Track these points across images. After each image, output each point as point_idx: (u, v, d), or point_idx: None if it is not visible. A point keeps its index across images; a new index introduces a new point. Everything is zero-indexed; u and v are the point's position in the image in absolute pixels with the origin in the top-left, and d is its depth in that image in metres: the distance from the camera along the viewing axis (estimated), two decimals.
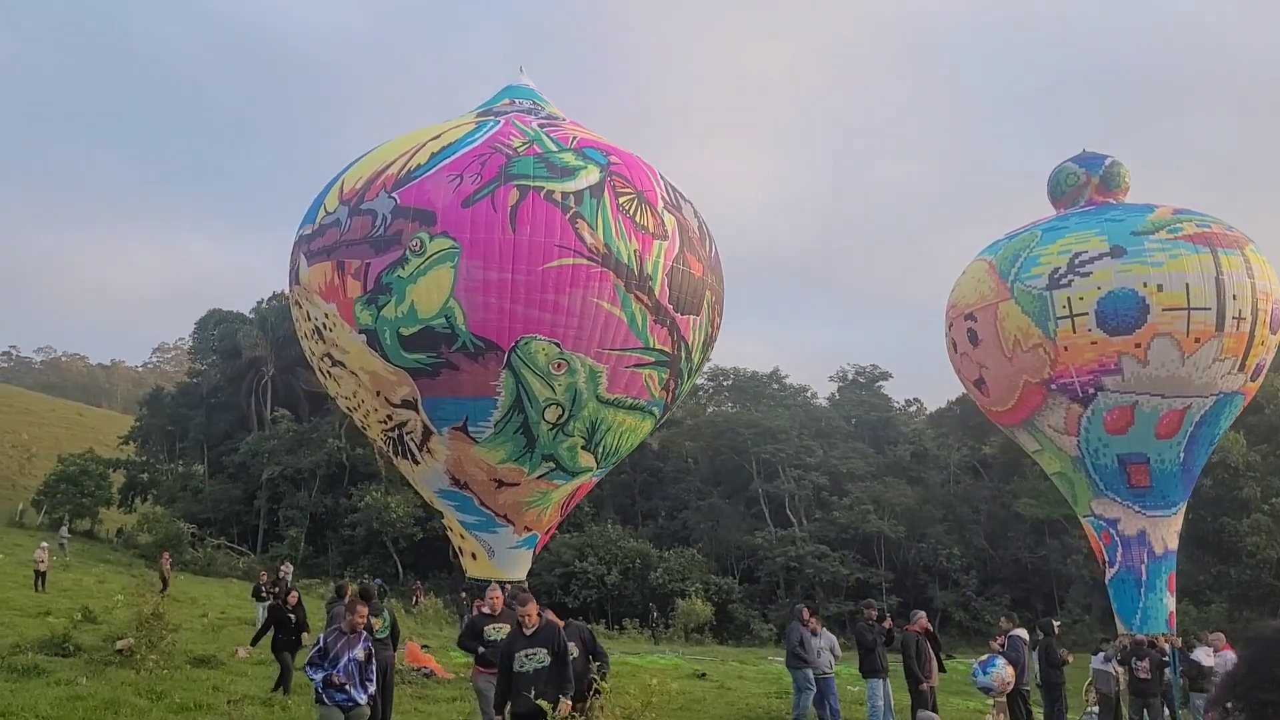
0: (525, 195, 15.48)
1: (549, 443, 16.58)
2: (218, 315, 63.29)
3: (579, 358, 15.85)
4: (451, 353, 15.52)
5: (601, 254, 15.70)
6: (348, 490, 50.54)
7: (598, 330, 15.82)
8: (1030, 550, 52.03)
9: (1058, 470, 19.75)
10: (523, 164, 15.87)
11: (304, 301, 16.92)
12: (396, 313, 15.49)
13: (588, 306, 15.60)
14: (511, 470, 16.71)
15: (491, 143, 16.22)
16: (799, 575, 49.33)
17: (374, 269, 15.52)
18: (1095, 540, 19.49)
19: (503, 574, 17.21)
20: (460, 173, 15.62)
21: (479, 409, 16.01)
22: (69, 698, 11.82)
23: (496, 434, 16.21)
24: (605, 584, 46.01)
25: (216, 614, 25.90)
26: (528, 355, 15.61)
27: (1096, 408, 18.16)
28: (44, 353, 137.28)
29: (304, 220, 17.27)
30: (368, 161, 16.77)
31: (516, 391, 15.86)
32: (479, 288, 15.22)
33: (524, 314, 15.35)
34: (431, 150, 16.11)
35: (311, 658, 8.57)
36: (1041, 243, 18.62)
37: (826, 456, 57.77)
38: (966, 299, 19.60)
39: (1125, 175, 19.89)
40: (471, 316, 15.29)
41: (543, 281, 15.31)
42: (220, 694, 13.16)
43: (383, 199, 15.69)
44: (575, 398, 16.19)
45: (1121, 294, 17.48)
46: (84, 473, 49.62)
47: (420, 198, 15.54)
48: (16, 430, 67.84)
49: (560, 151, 16.41)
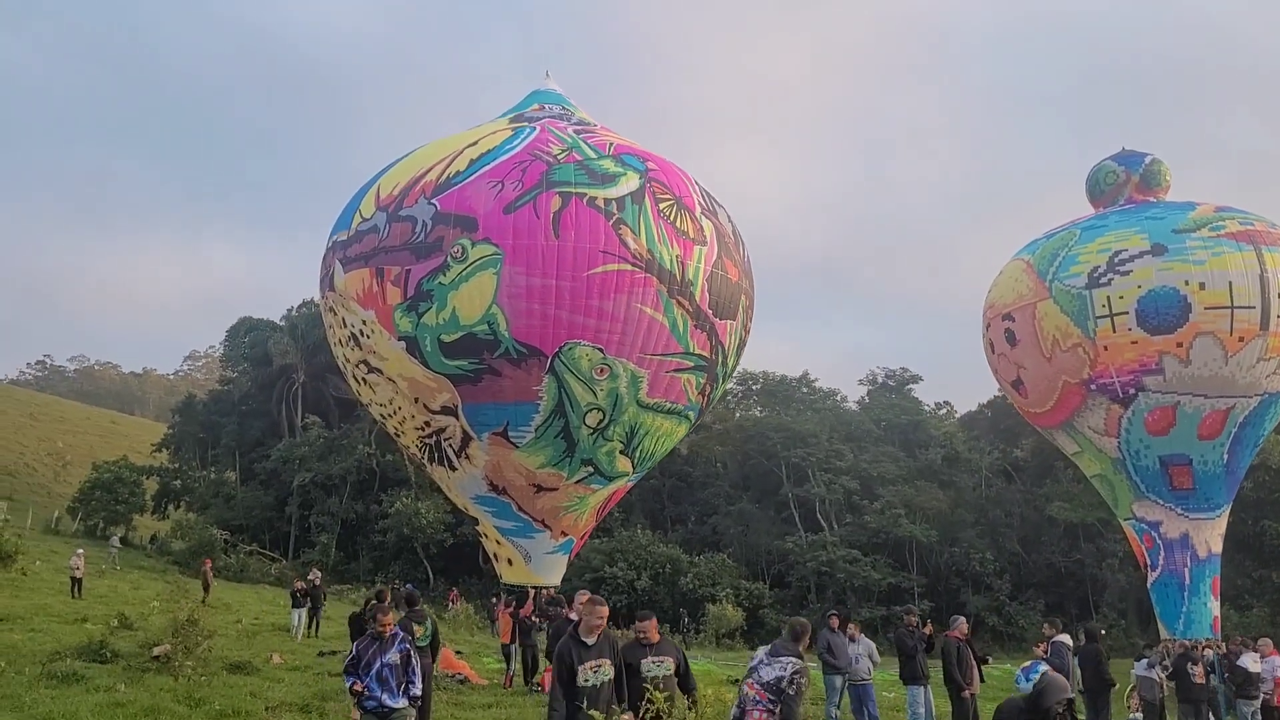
0: (568, 202, 15.45)
1: (589, 447, 16.53)
2: (249, 323, 63.72)
3: (621, 363, 15.81)
4: (494, 359, 15.49)
5: (645, 260, 15.69)
6: (378, 496, 50.68)
7: (640, 335, 15.80)
8: (1064, 554, 51.39)
9: (1098, 472, 19.47)
10: (563, 171, 15.84)
11: (339, 308, 16.86)
12: (438, 319, 15.44)
13: (631, 312, 15.58)
14: (550, 475, 16.67)
15: (530, 149, 16.20)
16: (830, 580, 48.98)
17: (414, 275, 15.48)
18: (1136, 544, 19.19)
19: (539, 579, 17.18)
20: (501, 179, 15.59)
21: (520, 414, 15.97)
22: (109, 704, 11.83)
23: (537, 439, 16.16)
24: (635, 589, 45.83)
25: (250, 620, 25.99)
26: (571, 361, 15.57)
27: (1137, 408, 17.90)
28: (77, 361, 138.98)
29: (337, 226, 17.24)
30: (404, 167, 16.74)
31: (559, 397, 15.82)
32: (522, 294, 15.19)
33: (568, 320, 15.29)
34: (470, 157, 16.09)
35: (347, 665, 8.51)
36: (1080, 241, 18.39)
37: (857, 460, 57.37)
38: (1004, 299, 19.38)
39: (1166, 173, 19.60)
40: (514, 323, 15.24)
41: (587, 287, 15.27)
42: (258, 700, 13.15)
43: (422, 205, 15.65)
44: (616, 402, 16.15)
45: (1163, 293, 17.22)
46: (118, 480, 49.97)
47: (461, 204, 15.50)
48: (52, 438, 68.60)
49: (599, 158, 16.41)
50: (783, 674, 7.78)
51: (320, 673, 17.20)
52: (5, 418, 71.59)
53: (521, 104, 19.57)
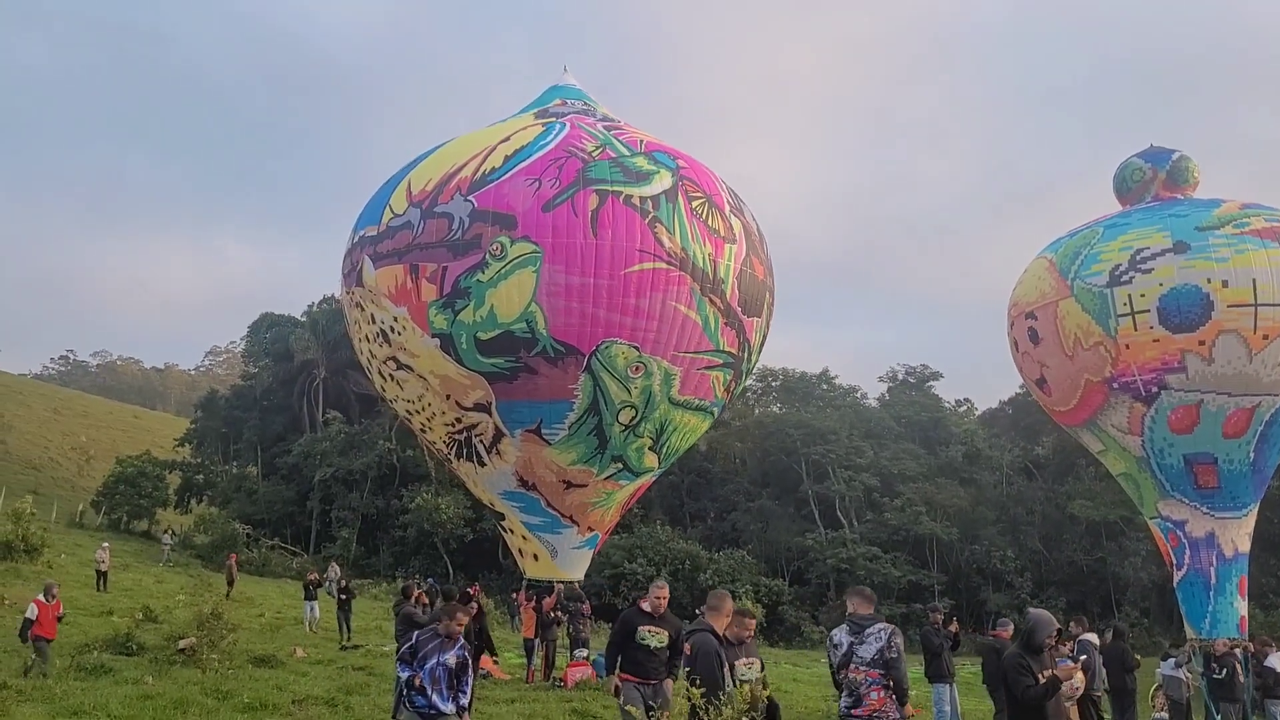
0: (605, 200, 15.55)
1: (620, 444, 16.68)
2: (270, 319, 64.19)
3: (656, 361, 15.98)
4: (531, 357, 15.59)
5: (679, 258, 15.85)
6: (398, 491, 50.98)
7: (675, 333, 15.98)
8: (1086, 553, 51.17)
9: (1123, 471, 19.40)
10: (599, 168, 15.93)
11: (368, 304, 16.90)
12: (475, 317, 15.49)
13: (667, 310, 15.74)
14: (581, 471, 16.81)
15: (564, 146, 16.29)
16: (850, 577, 48.86)
17: (451, 273, 15.51)
18: (1162, 542, 19.10)
19: (565, 574, 17.32)
20: (538, 176, 15.67)
21: (555, 412, 16.09)
22: (138, 697, 12.01)
23: (570, 436, 16.29)
24: None
25: (273, 614, 26.26)
26: (608, 359, 15.71)
27: (1160, 406, 17.81)
28: (100, 356, 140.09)
29: (364, 221, 17.26)
30: (434, 162, 16.77)
31: (594, 394, 15.96)
32: (561, 292, 15.28)
33: (605, 318, 15.42)
34: (505, 153, 16.15)
35: (402, 654, 8.33)
36: (1103, 239, 18.30)
37: (877, 457, 57.32)
38: (1027, 297, 19.33)
39: (1194, 170, 19.44)
40: (553, 321, 15.34)
41: (624, 286, 15.40)
42: (284, 693, 13.31)
43: (458, 202, 15.69)
44: (649, 400, 16.30)
45: (1184, 290, 17.12)
46: (141, 474, 50.44)
47: (499, 201, 15.56)
48: (76, 433, 69.27)
49: (632, 156, 16.53)
50: (881, 642, 7.69)
51: (344, 666, 17.41)
52: (30, 412, 72.38)
53: (541, 99, 19.62)
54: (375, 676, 15.91)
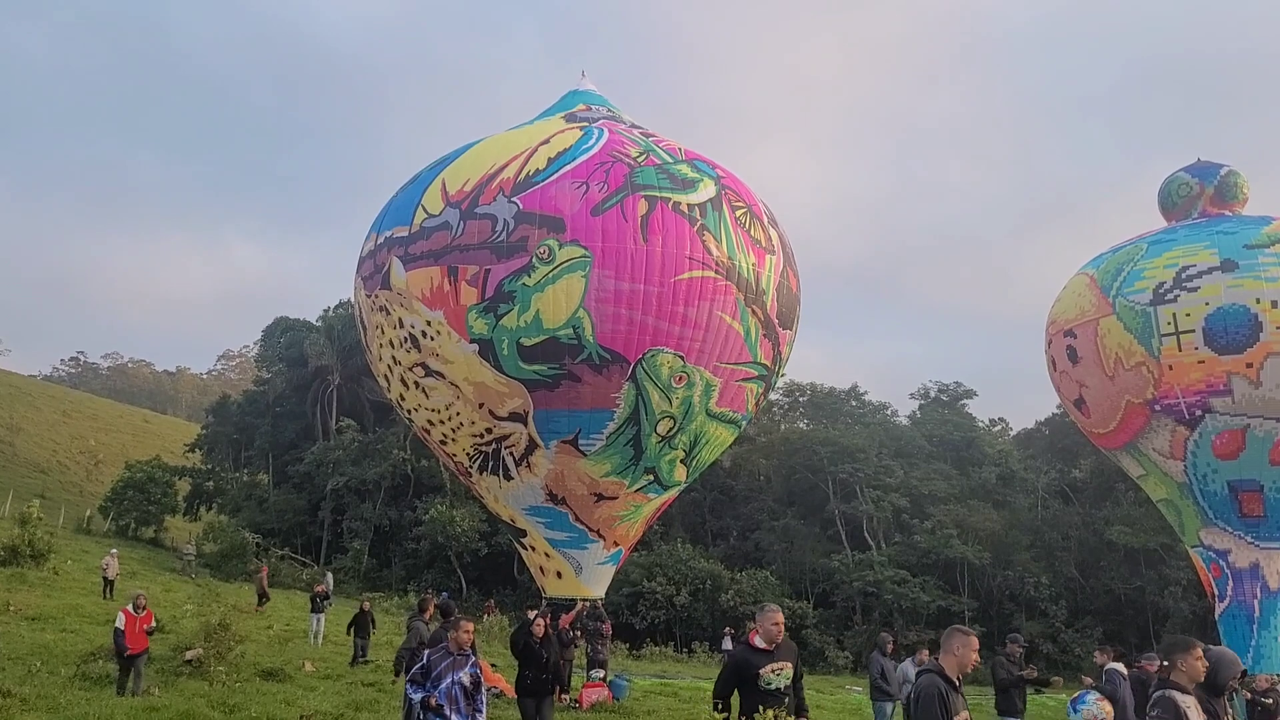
0: (654, 206, 15.64)
1: (654, 455, 16.74)
2: (284, 323, 64.60)
3: (699, 371, 16.09)
4: (575, 364, 15.60)
5: (726, 267, 16.02)
6: (412, 503, 51.10)
7: (719, 344, 16.12)
8: (1124, 581, 50.65)
9: (1164, 497, 19.25)
10: (645, 174, 16.02)
11: (395, 308, 16.71)
12: (519, 322, 15.44)
13: (713, 320, 15.88)
14: (613, 484, 16.84)
15: (608, 150, 16.37)
16: (877, 601, 48.67)
17: (495, 276, 15.46)
18: (1204, 572, 18.93)
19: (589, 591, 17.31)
20: (585, 180, 15.72)
21: (595, 421, 16.13)
22: (144, 708, 12.11)
23: (607, 447, 16.32)
24: (674, 605, 45.84)
25: (282, 626, 26.35)
26: (653, 368, 15.76)
27: (1204, 431, 17.68)
28: (110, 358, 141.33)
29: (390, 221, 17.10)
30: (469, 163, 16.69)
31: (635, 404, 16.00)
32: (610, 298, 15.32)
33: (654, 326, 15.50)
34: (547, 156, 16.19)
35: (414, 675, 8.32)
36: (1146, 256, 18.21)
37: (907, 477, 56.98)
38: (1066, 314, 19.24)
39: (1243, 186, 19.33)
40: (600, 327, 15.36)
41: (674, 293, 15.51)
42: (293, 709, 13.36)
43: (502, 203, 15.64)
44: (688, 411, 16.38)
45: (1232, 310, 17.01)
46: (150, 480, 50.74)
47: (545, 203, 15.57)
48: (85, 436, 69.92)
49: (675, 163, 16.69)
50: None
51: (354, 682, 17.44)
52: (39, 414, 73.11)
53: (561, 103, 19.65)
54: (385, 693, 15.93)
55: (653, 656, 39.51)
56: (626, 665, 30.99)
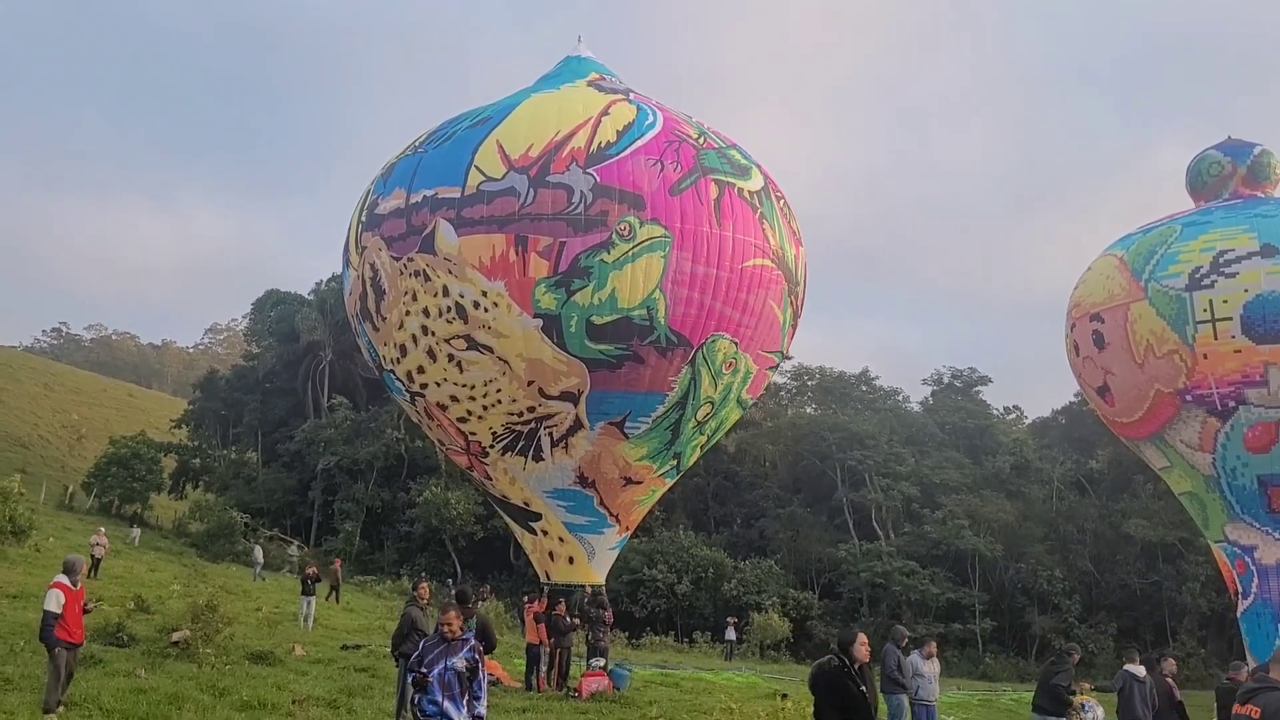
0: (724, 190, 16.07)
1: (685, 440, 17.17)
2: (275, 296, 64.48)
3: (744, 358, 16.69)
4: (643, 345, 15.66)
5: (777, 256, 16.60)
6: (406, 484, 51.10)
7: (764, 332, 16.75)
8: (1141, 575, 50.70)
9: (1188, 490, 19.14)
10: (710, 157, 16.39)
11: (439, 274, 15.98)
12: (592, 299, 15.31)
13: (765, 309, 16.53)
14: (643, 468, 17.18)
15: (671, 129, 16.64)
16: (885, 593, 48.70)
17: (570, 249, 15.22)
18: (1227, 568, 18.84)
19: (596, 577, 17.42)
20: (659, 157, 15.82)
21: (646, 404, 16.34)
22: (131, 690, 12.06)
23: (650, 430, 16.65)
24: (675, 594, 45.88)
25: (271, 608, 26.33)
26: (710, 353, 16.17)
27: (1236, 423, 17.55)
28: (94, 330, 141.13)
29: (430, 179, 16.31)
30: (525, 127, 16.11)
31: (687, 389, 16.33)
32: (685, 281, 15.51)
33: (720, 311, 15.92)
34: (614, 128, 16.14)
35: (410, 663, 8.38)
36: (1181, 238, 18.03)
37: (918, 465, 56.99)
38: (1093, 297, 19.07)
39: (1276, 166, 19.17)
40: (673, 310, 15.55)
41: (740, 280, 15.87)
42: (284, 693, 13.32)
43: (576, 173, 15.36)
44: (725, 397, 16.85)
45: (1272, 298, 16.86)
46: (135, 456, 50.54)
47: (624, 178, 15.47)
48: (67, 410, 69.93)
49: (728, 148, 17.01)
50: None
51: (345, 667, 17.41)
52: (20, 387, 73.02)
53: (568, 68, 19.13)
54: (378, 678, 15.91)
55: (653, 646, 39.56)
56: (626, 654, 31.00)
